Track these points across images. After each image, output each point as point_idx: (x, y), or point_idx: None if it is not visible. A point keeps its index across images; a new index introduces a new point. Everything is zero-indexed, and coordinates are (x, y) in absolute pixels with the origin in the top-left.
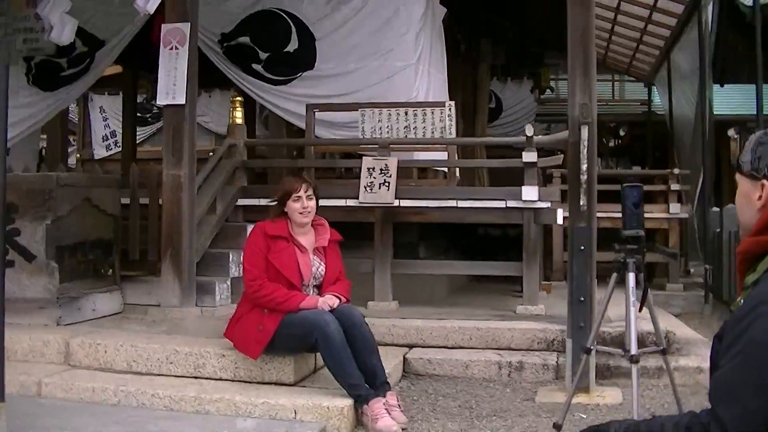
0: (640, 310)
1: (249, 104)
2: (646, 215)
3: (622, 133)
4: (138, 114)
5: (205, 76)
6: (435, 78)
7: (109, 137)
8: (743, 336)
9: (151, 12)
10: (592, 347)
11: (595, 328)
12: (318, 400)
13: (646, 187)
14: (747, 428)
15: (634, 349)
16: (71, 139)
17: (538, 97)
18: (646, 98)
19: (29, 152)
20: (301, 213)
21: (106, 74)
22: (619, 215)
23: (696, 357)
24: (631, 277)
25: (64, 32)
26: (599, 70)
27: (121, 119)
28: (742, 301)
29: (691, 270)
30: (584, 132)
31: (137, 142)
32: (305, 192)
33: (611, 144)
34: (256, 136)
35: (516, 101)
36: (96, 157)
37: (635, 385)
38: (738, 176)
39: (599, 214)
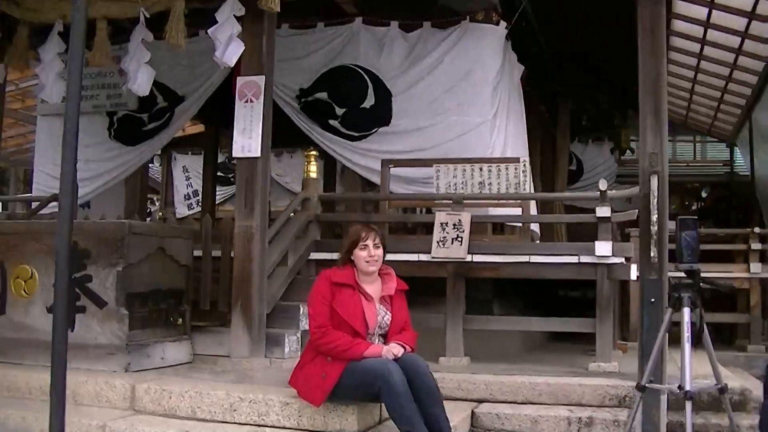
0: (695, 346)
1: (329, 161)
2: (727, 275)
3: (704, 194)
4: (220, 173)
5: (286, 137)
6: (513, 134)
7: (191, 196)
8: None
9: (231, 64)
10: (646, 385)
11: (650, 365)
12: None
13: (727, 247)
14: None
15: (688, 385)
16: (154, 198)
17: (619, 158)
18: (729, 159)
19: (112, 205)
20: (367, 261)
21: (189, 133)
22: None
23: None
24: (686, 311)
25: (140, 82)
26: (681, 131)
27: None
28: None
29: None
30: (654, 182)
31: (219, 201)
32: (372, 240)
33: (694, 207)
34: (336, 192)
35: (597, 163)
36: (178, 215)
37: (689, 422)
38: None
39: (674, 273)
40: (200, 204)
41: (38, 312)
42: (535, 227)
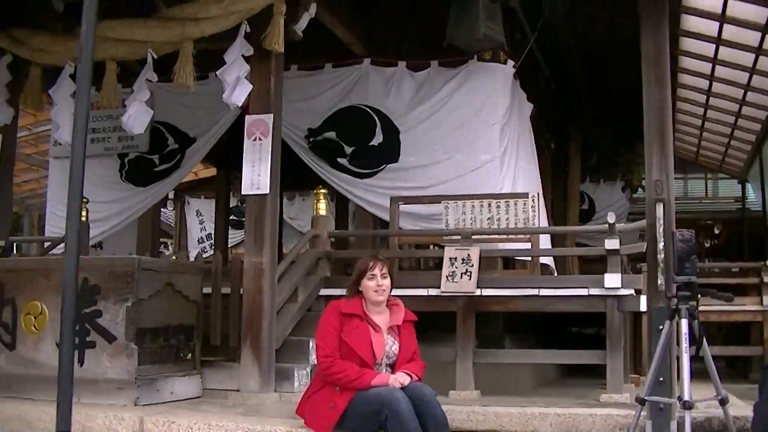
0: (695, 359)
1: (341, 201)
2: (739, 308)
3: (717, 231)
4: (233, 217)
5: (298, 180)
6: (524, 172)
7: (205, 240)
8: None
9: (239, 105)
10: (646, 398)
11: (650, 378)
12: None
13: (740, 281)
14: None
15: (686, 396)
16: (168, 243)
17: (631, 196)
18: (740, 195)
19: (125, 247)
20: (375, 291)
21: (202, 176)
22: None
23: None
24: (684, 323)
25: (133, 120)
26: (692, 168)
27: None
28: None
29: None
30: (659, 210)
31: (232, 244)
32: (380, 270)
33: (707, 244)
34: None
35: (609, 202)
36: (191, 259)
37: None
38: None
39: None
40: (213, 247)
41: (48, 348)
42: (550, 262)
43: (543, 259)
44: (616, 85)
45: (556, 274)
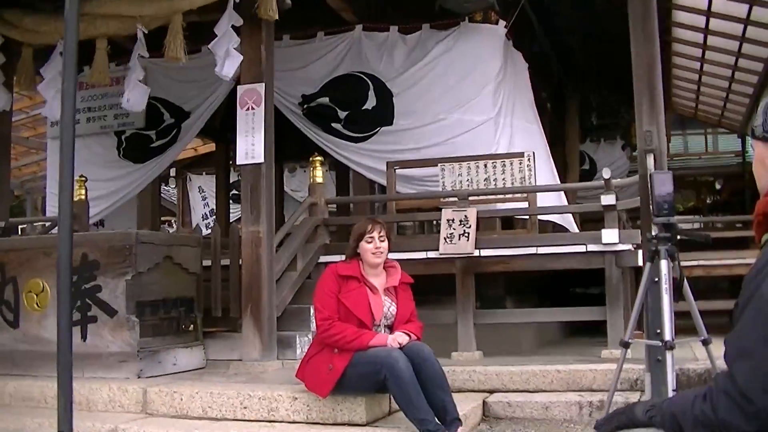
0: (677, 300)
1: (341, 170)
2: (741, 261)
3: (718, 186)
4: (234, 191)
5: (299, 151)
6: (522, 129)
7: (209, 216)
8: (755, 294)
9: (230, 76)
10: (629, 340)
11: (633, 319)
12: None
13: (741, 234)
14: (759, 382)
15: (668, 336)
16: (172, 221)
17: (630, 154)
18: (740, 149)
19: (125, 224)
20: (373, 253)
21: (202, 153)
22: (713, 263)
23: None
24: (664, 264)
25: (133, 99)
26: (691, 124)
27: None
28: None
29: None
30: (650, 160)
31: (234, 219)
32: (378, 233)
33: (709, 200)
34: None
35: (610, 161)
36: None
37: (670, 373)
38: (754, 142)
39: (690, 262)
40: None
41: (51, 324)
42: (564, 222)
43: (557, 220)
44: (612, 44)
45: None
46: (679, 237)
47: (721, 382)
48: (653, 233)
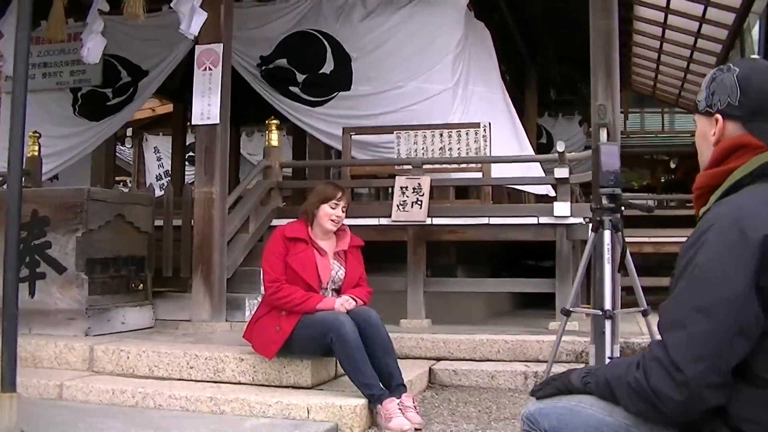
0: (619, 270)
1: (298, 135)
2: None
3: (673, 165)
4: (191, 153)
5: (257, 115)
6: (484, 99)
7: (163, 176)
8: (689, 264)
9: (196, 33)
10: (570, 309)
11: (575, 288)
12: (331, 399)
13: (692, 212)
14: (690, 351)
15: (607, 305)
16: (127, 181)
17: (588, 129)
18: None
19: (79, 180)
20: (332, 220)
21: (159, 113)
22: (663, 240)
23: None
24: (606, 234)
25: (91, 50)
26: (649, 103)
27: None
28: None
29: None
30: (603, 134)
31: (190, 182)
32: (343, 203)
33: (663, 179)
34: None
35: (567, 136)
36: None
37: (608, 341)
38: (697, 117)
39: (642, 239)
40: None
41: None
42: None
43: (542, 191)
44: (575, 19)
45: None
46: (623, 208)
47: (653, 351)
48: (598, 204)
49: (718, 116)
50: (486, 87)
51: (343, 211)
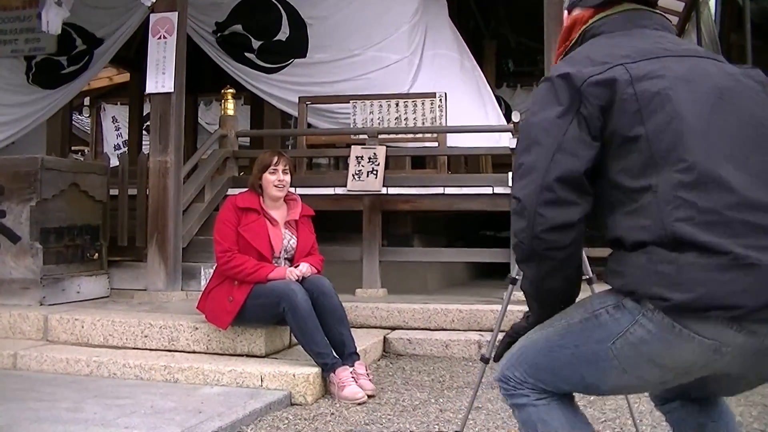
0: None
1: (256, 105)
2: None
3: None
4: (148, 123)
5: (215, 85)
6: (444, 62)
7: (122, 146)
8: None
9: (153, 0)
10: (517, 277)
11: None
12: (285, 368)
13: None
14: (521, 182)
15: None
16: (84, 150)
17: None
18: None
19: (34, 150)
20: (276, 186)
21: (117, 82)
22: None
23: None
24: None
25: (51, 22)
26: None
27: None
28: None
29: None
30: None
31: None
32: (282, 166)
33: None
34: None
35: (525, 107)
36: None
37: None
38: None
39: None
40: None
41: None
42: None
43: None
44: None
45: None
46: None
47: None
48: None
49: (565, 12)
50: (447, 50)
51: (284, 174)
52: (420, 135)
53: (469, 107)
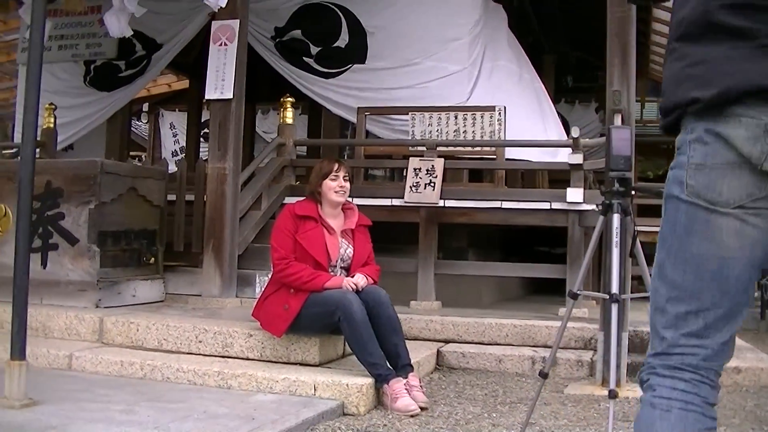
0: (630, 255)
1: (314, 113)
2: None
3: None
4: (206, 130)
5: (272, 93)
6: (500, 86)
7: (179, 152)
8: None
9: (223, 5)
10: (578, 291)
11: (583, 271)
12: (338, 378)
13: None
14: None
15: (614, 289)
16: (142, 156)
17: (603, 116)
18: None
19: (94, 154)
20: (336, 192)
21: (175, 89)
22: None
23: (736, 359)
24: (615, 218)
25: (120, 25)
26: (659, 91)
27: None
28: None
29: None
30: (617, 120)
31: (205, 159)
32: (342, 172)
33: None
34: None
35: (583, 123)
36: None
37: (614, 325)
38: None
39: (654, 229)
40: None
41: (11, 250)
42: None
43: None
44: (589, 7)
45: None
46: (634, 192)
47: None
48: (608, 188)
49: None
50: (506, 61)
51: (345, 181)
52: (478, 148)
53: (526, 120)
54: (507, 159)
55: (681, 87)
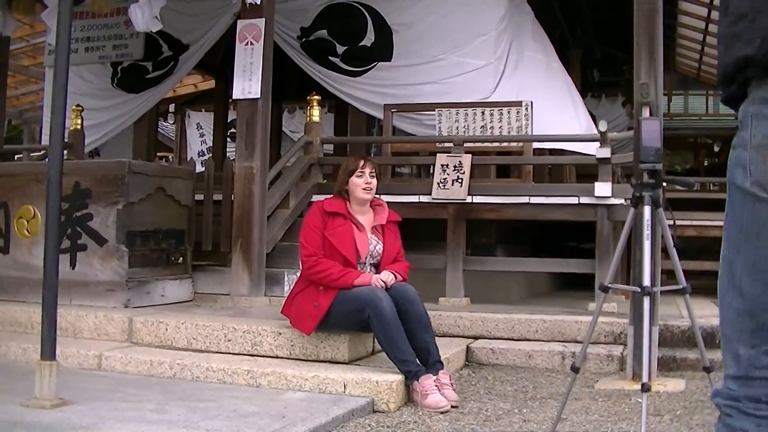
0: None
1: (340, 112)
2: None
3: (716, 149)
4: (233, 130)
5: (299, 92)
6: (527, 81)
7: (206, 152)
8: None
9: (257, 2)
10: (608, 285)
11: (614, 264)
12: (368, 375)
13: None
14: None
15: (646, 281)
16: (169, 156)
17: (631, 110)
18: None
19: (122, 154)
20: (364, 189)
21: (201, 89)
22: (706, 223)
23: None
24: (646, 209)
25: (148, 20)
26: (693, 85)
27: None
28: None
29: None
30: (645, 113)
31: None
32: (369, 169)
33: (706, 162)
34: None
35: (610, 117)
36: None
37: (647, 318)
38: None
39: (684, 222)
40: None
41: (40, 251)
42: None
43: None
44: (616, 1)
45: None
46: (664, 184)
47: None
48: (638, 180)
49: None
50: (533, 52)
51: (371, 177)
52: (505, 144)
53: (556, 108)
54: (535, 149)
55: (730, 48)
